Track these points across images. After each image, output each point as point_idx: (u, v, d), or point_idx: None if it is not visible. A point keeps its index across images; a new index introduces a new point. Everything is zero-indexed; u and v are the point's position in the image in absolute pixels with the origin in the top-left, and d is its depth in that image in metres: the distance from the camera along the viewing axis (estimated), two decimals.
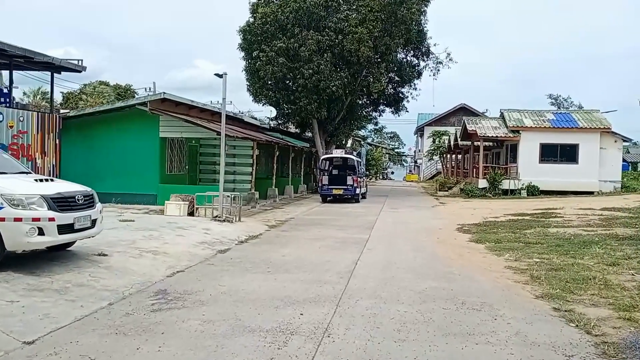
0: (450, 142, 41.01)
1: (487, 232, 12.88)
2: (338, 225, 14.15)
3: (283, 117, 28.09)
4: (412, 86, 31.04)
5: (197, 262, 8.52)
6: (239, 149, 18.61)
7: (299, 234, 12.20)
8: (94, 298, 6.14)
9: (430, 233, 12.92)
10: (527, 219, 15.71)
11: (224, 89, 12.81)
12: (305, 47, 24.72)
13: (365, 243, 10.91)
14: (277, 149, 21.31)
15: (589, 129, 27.39)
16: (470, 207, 21.27)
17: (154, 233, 10.29)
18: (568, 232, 12.59)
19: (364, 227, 13.90)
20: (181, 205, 13.04)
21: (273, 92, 26.42)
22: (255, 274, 7.63)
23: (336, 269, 8.06)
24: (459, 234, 12.81)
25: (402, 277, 7.62)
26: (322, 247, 10.27)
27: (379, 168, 69.36)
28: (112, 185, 16.55)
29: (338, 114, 28.42)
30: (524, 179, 27.37)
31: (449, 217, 17.06)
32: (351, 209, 19.73)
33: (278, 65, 24.72)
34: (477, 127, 29.13)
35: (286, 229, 13.02)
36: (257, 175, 25.49)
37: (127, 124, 16.65)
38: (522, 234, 12.49)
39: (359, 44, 24.84)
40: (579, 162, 27.33)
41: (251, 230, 12.33)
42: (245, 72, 26.92)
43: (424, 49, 29.95)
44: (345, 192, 22.32)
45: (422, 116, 64.86)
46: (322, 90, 25.17)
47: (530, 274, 7.78)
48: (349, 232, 12.67)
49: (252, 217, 15.37)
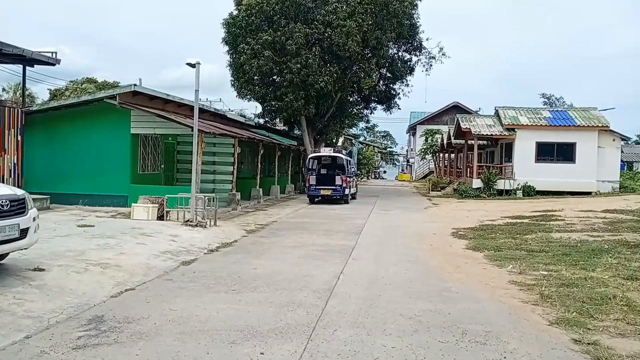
0: (443, 141, 40.03)
1: (485, 238, 11.80)
2: (323, 229, 13.00)
3: (270, 114, 26.86)
4: (404, 82, 29.99)
5: (153, 277, 7.33)
6: (219, 146, 17.38)
7: (279, 240, 11.04)
8: (8, 329, 4.94)
9: (422, 239, 11.82)
10: (527, 223, 14.67)
11: (197, 79, 11.60)
12: (292, 40, 23.55)
13: (351, 251, 9.78)
14: (261, 147, 20.11)
15: (586, 127, 26.46)
16: (465, 208, 20.22)
17: (111, 241, 9.08)
18: (573, 237, 11.55)
19: (351, 231, 12.77)
20: (149, 209, 11.82)
21: (259, 87, 25.22)
22: (217, 294, 6.46)
23: (314, 286, 6.92)
24: (454, 240, 11.71)
25: (390, 296, 6.49)
26: (301, 257, 9.12)
27: (371, 167, 68.35)
28: (80, 186, 15.29)
29: (327, 111, 27.26)
30: (519, 178, 26.40)
31: (442, 220, 15.99)
32: (339, 210, 18.60)
33: (264, 59, 23.54)
34: (471, 125, 28.10)
35: (265, 235, 11.85)
36: (240, 175, 24.28)
37: (95, 120, 15.34)
38: (523, 239, 11.42)
39: (348, 37, 23.71)
40: (576, 162, 26.40)
41: (226, 236, 11.15)
42: (229, 67, 25.69)
43: (416, 43, 28.88)
44: (333, 192, 21.18)
45: (414, 115, 63.94)
46: (310, 86, 24.02)
47: (539, 292, 6.68)
48: (334, 238, 11.52)
49: (230, 221, 14.19)
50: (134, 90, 14.65)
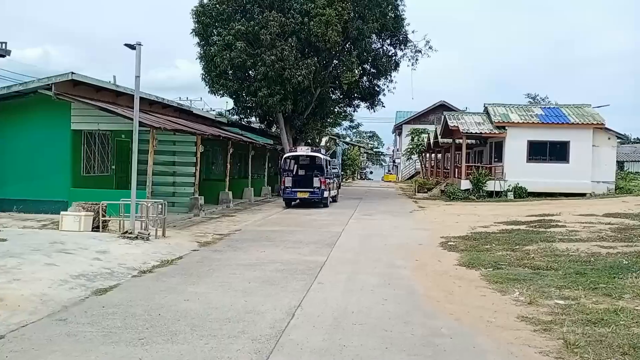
0: (429, 140, 38.42)
1: (479, 250, 10.07)
2: (292, 240, 11.15)
3: (244, 111, 24.93)
4: (388, 78, 28.22)
5: (42, 315, 5.43)
6: (180, 145, 15.42)
7: (234, 256, 9.16)
8: None
9: (407, 252, 10.04)
10: (524, 230, 12.99)
11: (138, 63, 9.69)
12: (266, 30, 21.70)
13: (319, 271, 7.95)
14: (230, 146, 18.18)
15: (580, 125, 24.97)
16: (454, 212, 18.53)
17: (12, 261, 7.13)
18: (581, 249, 9.88)
19: (325, 242, 10.94)
20: (81, 218, 9.85)
21: (232, 82, 23.30)
22: (115, 346, 4.57)
23: (256, 330, 5.07)
24: (444, 253, 9.96)
25: (359, 347, 4.67)
26: (254, 280, 7.26)
27: (357, 168, 66.75)
28: (14, 191, 13.23)
29: (306, 108, 25.41)
30: (510, 179, 24.82)
31: (430, 227, 14.25)
32: (316, 216, 16.77)
33: (236, 51, 21.65)
34: (459, 123, 26.46)
35: (221, 248, 9.96)
36: (209, 177, 22.37)
37: (31, 114, 13.23)
38: (524, 252, 9.71)
39: (327, 27, 21.91)
40: (569, 162, 24.88)
41: (170, 251, 9.24)
42: (200, 60, 23.72)
43: (402, 36, 27.15)
44: (311, 195, 19.33)
45: (400, 114, 62.45)
46: (287, 80, 22.17)
47: (562, 336, 4.92)
48: (303, 252, 9.68)
49: (186, 230, 12.27)
50: (73, 80, 12.61)
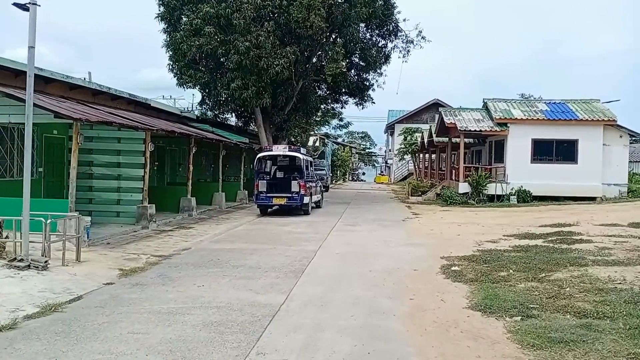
0: (423, 139, 35.99)
1: (495, 280, 7.54)
2: (248, 265, 8.55)
3: (217, 106, 22.29)
4: (378, 72, 25.70)
5: None
6: (126, 142, 12.77)
7: (157, 294, 6.56)
8: None
9: (398, 283, 7.49)
10: (543, 246, 10.51)
11: (32, 31, 7.08)
12: (240, 14, 19.12)
13: (266, 326, 5.36)
14: (193, 144, 15.55)
15: (589, 122, 22.60)
16: (453, 220, 16.03)
17: None
18: (627, 277, 7.43)
19: (291, 268, 8.37)
20: None
21: (202, 72, 20.68)
22: None
23: None
24: (447, 285, 7.42)
25: None
26: (155, 351, 4.66)
27: (348, 169, 64.28)
28: None
29: (287, 103, 22.80)
30: (513, 182, 22.42)
31: (426, 241, 11.72)
32: (292, 226, 14.19)
33: (206, 37, 19.05)
34: (456, 120, 24.00)
35: (147, 280, 7.35)
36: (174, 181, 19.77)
37: None
38: (556, 284, 7.21)
39: (309, 11, 19.38)
40: (578, 162, 22.52)
41: (70, 287, 6.63)
42: (166, 48, 21.07)
43: (392, 25, 24.65)
44: (289, 201, 16.74)
45: (392, 113, 60.10)
46: (264, 71, 19.60)
47: None
48: (255, 286, 7.10)
49: (118, 250, 9.64)
50: None
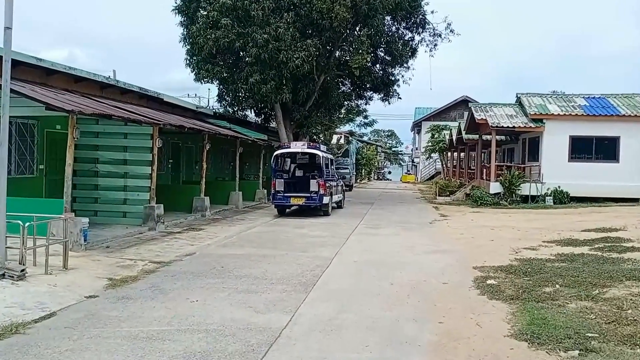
0: (452, 137, 34.59)
1: (540, 298, 6.41)
2: (253, 276, 7.62)
3: (235, 101, 21.51)
4: (404, 66, 24.51)
5: None
6: (133, 138, 12.06)
7: (141, 312, 5.69)
8: None
9: (425, 302, 6.44)
10: (590, 255, 9.30)
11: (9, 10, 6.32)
12: (258, 5, 18.29)
13: None
14: (207, 140, 14.76)
15: (632, 118, 20.98)
16: (485, 224, 14.81)
17: None
18: None
19: (301, 280, 7.40)
20: None
21: (220, 67, 19.93)
22: None
23: None
24: (483, 303, 6.34)
25: None
26: None
27: (373, 167, 63.05)
28: None
29: (308, 98, 21.86)
30: (548, 182, 20.99)
31: (456, 247, 10.61)
32: (309, 229, 13.24)
33: (223, 30, 18.28)
34: (487, 116, 22.67)
35: (135, 293, 6.50)
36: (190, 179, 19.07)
37: None
38: (614, 304, 6.05)
39: (333, 1, 18.40)
40: (619, 161, 21.00)
41: (45, 300, 5.82)
42: (183, 42, 20.42)
43: (419, 17, 23.43)
44: (307, 201, 15.81)
45: (419, 110, 58.64)
46: (283, 64, 18.71)
47: None
48: (256, 303, 6.16)
49: (115, 255, 8.87)
50: None
